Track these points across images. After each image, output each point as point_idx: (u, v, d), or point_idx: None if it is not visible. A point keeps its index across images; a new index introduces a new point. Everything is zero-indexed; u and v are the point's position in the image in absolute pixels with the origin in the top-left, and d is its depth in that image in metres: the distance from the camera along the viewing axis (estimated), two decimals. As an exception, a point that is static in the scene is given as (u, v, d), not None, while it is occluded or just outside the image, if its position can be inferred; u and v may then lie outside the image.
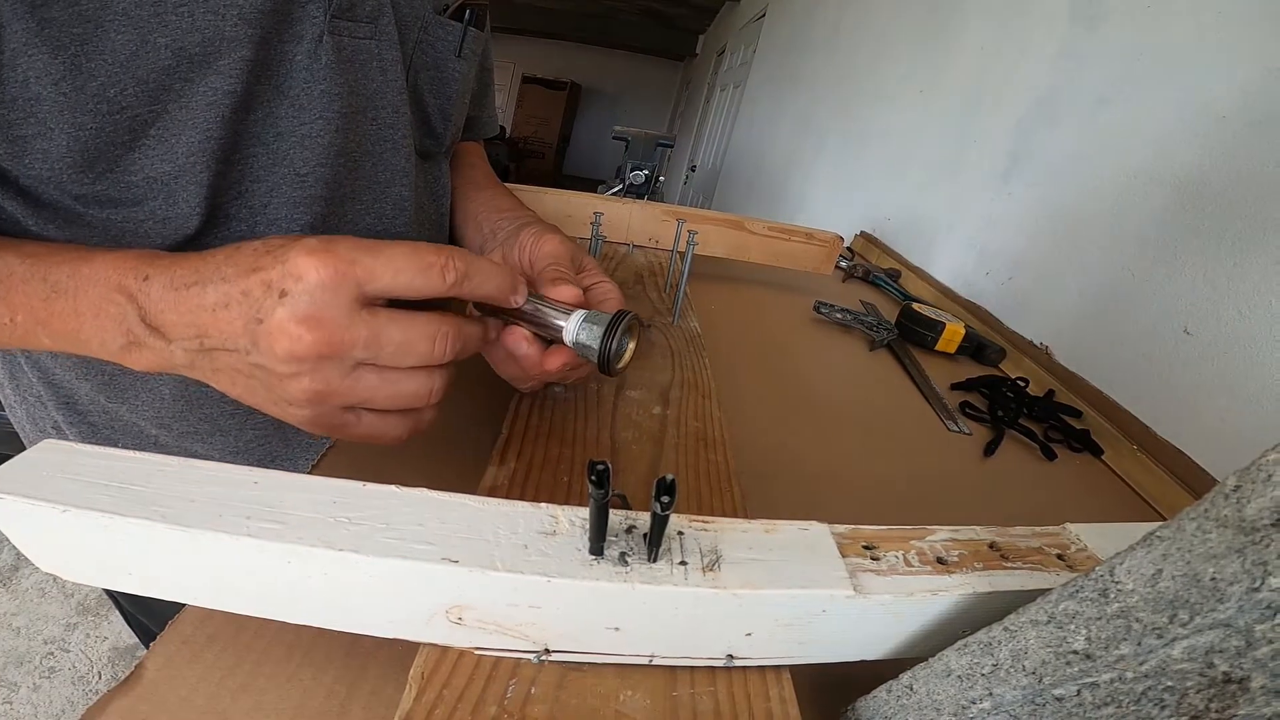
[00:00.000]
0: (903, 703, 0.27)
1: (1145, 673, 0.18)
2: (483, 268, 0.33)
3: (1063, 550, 0.30)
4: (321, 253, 0.29)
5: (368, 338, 0.30)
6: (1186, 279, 0.70)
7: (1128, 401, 0.73)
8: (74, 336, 0.34)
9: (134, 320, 0.32)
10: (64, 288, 0.33)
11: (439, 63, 0.54)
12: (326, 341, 0.29)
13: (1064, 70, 1.00)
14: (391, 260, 0.30)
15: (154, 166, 0.39)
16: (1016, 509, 0.57)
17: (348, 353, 0.30)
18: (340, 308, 0.29)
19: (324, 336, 0.29)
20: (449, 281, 0.31)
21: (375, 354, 0.31)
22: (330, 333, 0.29)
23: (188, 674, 0.28)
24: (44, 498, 0.23)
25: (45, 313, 0.34)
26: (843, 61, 2.25)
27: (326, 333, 0.29)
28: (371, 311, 0.30)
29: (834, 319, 0.91)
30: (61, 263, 0.34)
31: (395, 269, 0.30)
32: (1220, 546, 0.17)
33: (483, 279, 0.33)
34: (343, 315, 0.29)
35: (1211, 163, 0.70)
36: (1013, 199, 1.06)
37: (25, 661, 1.43)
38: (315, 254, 0.29)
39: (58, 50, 0.33)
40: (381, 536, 0.24)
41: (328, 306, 0.29)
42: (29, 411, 0.53)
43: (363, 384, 0.32)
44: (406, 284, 0.31)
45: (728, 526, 0.28)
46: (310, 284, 0.29)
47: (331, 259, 0.29)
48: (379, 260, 0.30)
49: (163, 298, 0.32)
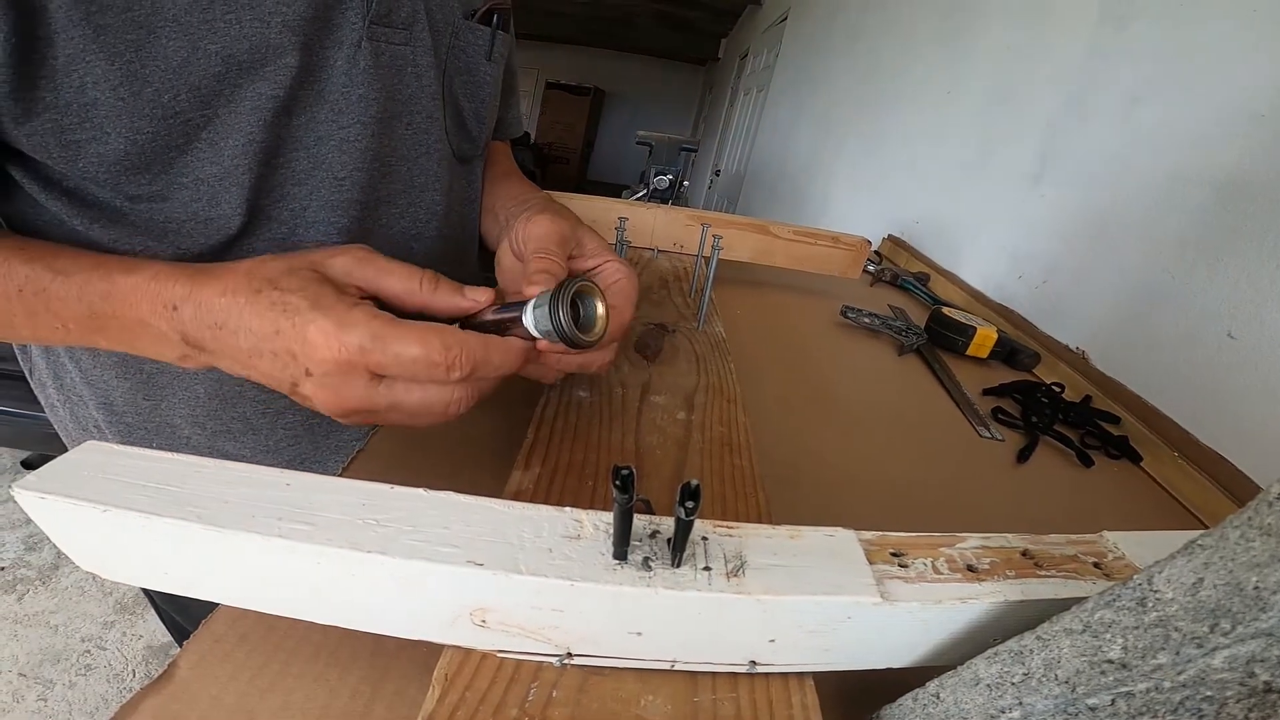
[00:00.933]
0: (929, 711, 0.27)
1: (1183, 682, 0.18)
2: (493, 362, 0.34)
3: (1099, 558, 0.29)
4: (334, 343, 0.31)
5: (388, 404, 0.33)
6: (1228, 281, 0.68)
7: (1168, 407, 0.71)
8: (130, 346, 0.37)
9: (177, 341, 0.35)
10: (101, 310, 0.35)
11: (471, 67, 0.55)
12: (354, 408, 0.33)
13: (1094, 69, 0.98)
14: (399, 358, 0.31)
15: (202, 169, 0.40)
16: (1051, 516, 0.56)
17: (375, 408, 0.33)
18: (358, 387, 0.32)
19: (350, 406, 0.33)
20: (454, 379, 0.33)
21: (399, 407, 0.34)
22: (356, 402, 0.33)
23: (219, 673, 0.29)
24: (85, 498, 0.24)
25: (95, 325, 0.36)
26: (866, 63, 2.23)
27: (353, 403, 0.33)
28: (389, 383, 0.33)
29: (861, 324, 0.90)
30: (90, 282, 0.35)
31: (402, 364, 0.32)
32: (1264, 555, 0.16)
33: (493, 369, 0.34)
34: (361, 389, 0.33)
35: (1251, 162, 0.68)
36: (1045, 201, 1.04)
37: (62, 659, 1.47)
38: (328, 342, 0.31)
39: (114, 57, 0.34)
40: (408, 539, 0.24)
41: (346, 385, 0.32)
42: (72, 411, 0.55)
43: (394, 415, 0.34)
44: (412, 377, 0.33)
45: (752, 532, 0.28)
46: (329, 369, 0.32)
47: (344, 352, 0.31)
48: (387, 355, 0.31)
49: (198, 329, 0.34)
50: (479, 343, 0.33)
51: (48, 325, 0.37)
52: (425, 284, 0.35)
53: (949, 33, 1.58)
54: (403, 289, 0.35)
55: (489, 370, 0.33)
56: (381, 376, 0.33)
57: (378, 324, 0.31)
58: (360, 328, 0.31)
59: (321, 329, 0.31)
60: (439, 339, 0.31)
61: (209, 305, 0.33)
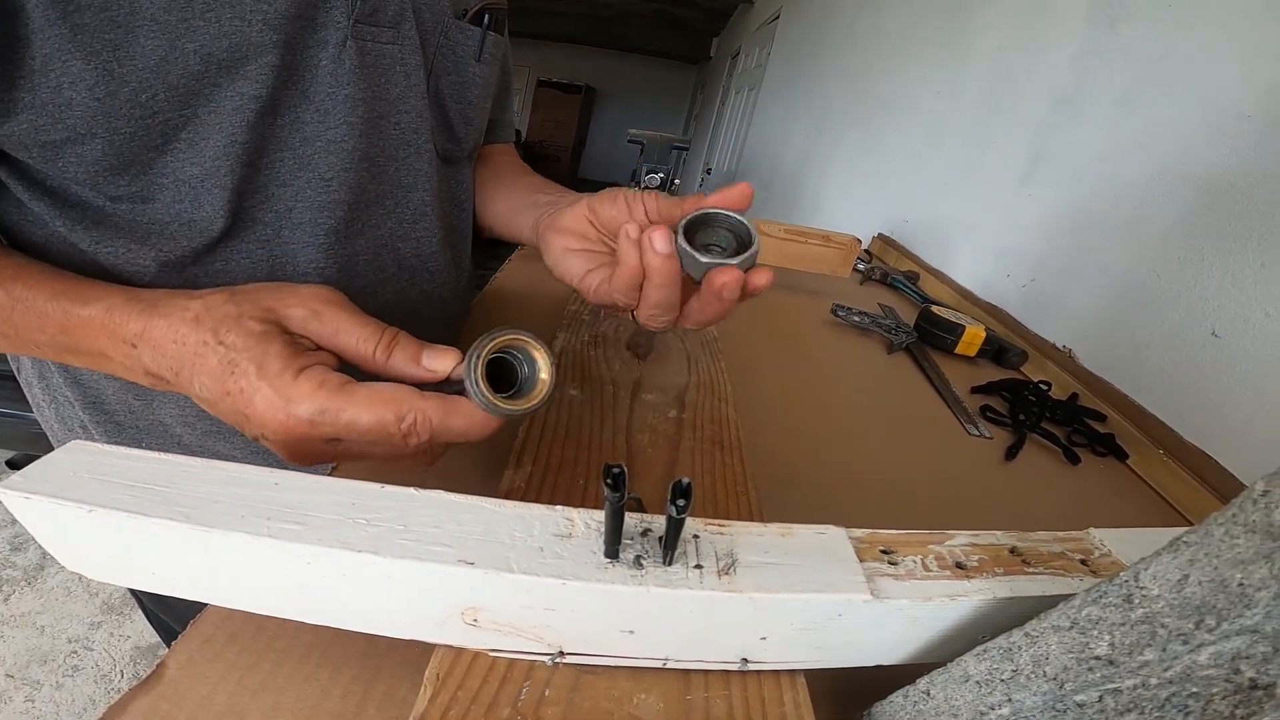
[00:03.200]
0: (920, 708, 0.27)
1: (1170, 679, 0.18)
2: (453, 430, 0.31)
3: (1086, 555, 0.30)
4: (283, 415, 0.30)
5: (351, 456, 0.33)
6: (1213, 280, 0.69)
7: (1154, 405, 0.72)
8: (103, 369, 0.37)
9: (142, 373, 0.34)
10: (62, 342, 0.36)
11: (460, 67, 0.55)
12: (315, 462, 0.33)
13: (1084, 70, 0.98)
14: (351, 428, 0.30)
15: (183, 169, 0.40)
16: (1039, 514, 0.56)
17: (339, 459, 0.34)
18: (315, 445, 0.31)
19: (310, 461, 0.33)
20: (412, 446, 0.31)
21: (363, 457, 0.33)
22: (315, 459, 0.32)
23: (208, 673, 0.29)
24: (70, 498, 0.23)
25: (63, 348, 0.36)
26: (858, 63, 2.24)
27: (312, 459, 0.32)
28: (345, 445, 0.32)
29: (851, 322, 0.90)
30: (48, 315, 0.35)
31: (355, 433, 0.30)
32: (1248, 552, 0.16)
33: (454, 437, 0.32)
34: (319, 448, 0.32)
35: (1237, 162, 0.68)
36: (1034, 200, 1.05)
37: (49, 660, 1.46)
38: (276, 415, 0.30)
39: (91, 56, 0.34)
40: (399, 538, 0.24)
41: (301, 445, 0.31)
42: (57, 411, 0.54)
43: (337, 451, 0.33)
44: (369, 446, 0.32)
45: (743, 530, 0.28)
46: (281, 437, 0.31)
47: (293, 423, 0.30)
48: (339, 426, 0.30)
49: (158, 367, 0.33)
50: (438, 409, 0.31)
51: (24, 347, 0.37)
52: (380, 351, 0.33)
53: (941, 33, 1.59)
54: (356, 352, 0.34)
55: (449, 436, 0.32)
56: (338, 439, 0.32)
57: (324, 395, 0.30)
58: (306, 403, 0.30)
59: (268, 401, 0.30)
60: (393, 409, 0.30)
61: (163, 350, 0.33)
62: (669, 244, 0.34)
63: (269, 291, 0.34)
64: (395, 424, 0.30)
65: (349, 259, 0.49)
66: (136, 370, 0.34)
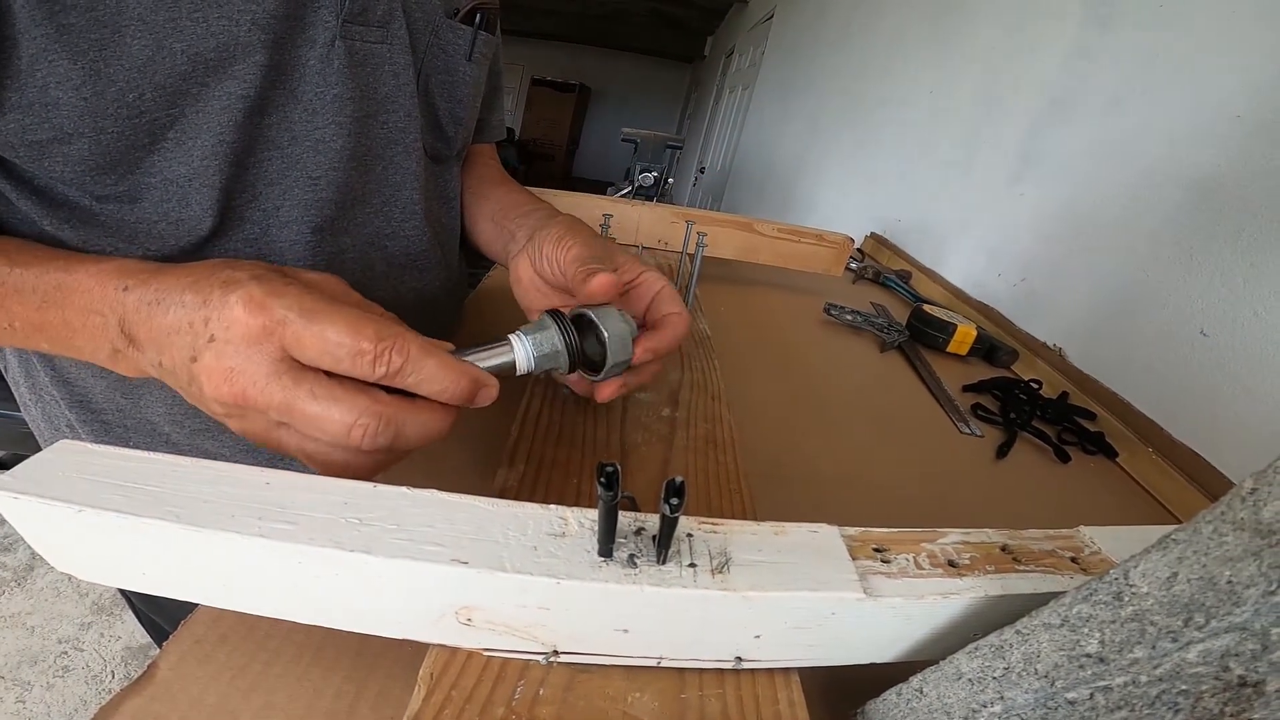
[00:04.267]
0: (912, 706, 0.27)
1: (1159, 676, 0.18)
2: (427, 368, 0.30)
3: (1076, 553, 0.30)
4: (255, 307, 0.28)
5: (280, 404, 0.28)
6: (1202, 280, 0.69)
7: (1143, 403, 0.72)
8: (68, 344, 0.35)
9: (115, 331, 0.32)
10: (52, 299, 0.34)
11: (450, 67, 0.55)
12: (242, 395, 0.29)
13: (1076, 71, 0.99)
14: (323, 334, 0.28)
15: (171, 169, 0.40)
16: (1029, 512, 0.57)
17: (263, 411, 0.29)
18: (260, 365, 0.28)
19: (239, 391, 0.28)
20: (379, 374, 0.29)
21: (290, 421, 0.29)
22: (244, 389, 0.28)
23: (199, 673, 0.28)
24: (59, 498, 0.23)
25: (39, 320, 0.34)
26: (852, 62, 2.24)
27: (240, 388, 0.28)
28: (295, 377, 0.28)
29: (844, 320, 0.90)
30: (47, 272, 0.34)
31: (325, 344, 0.28)
32: (1237, 549, 0.16)
33: (425, 378, 0.30)
34: (260, 375, 0.28)
35: (1226, 163, 0.69)
36: (1025, 200, 1.05)
37: (39, 660, 1.45)
38: (249, 306, 0.28)
39: (77, 56, 0.34)
40: (391, 538, 0.24)
41: (248, 361, 0.28)
42: (44, 411, 0.53)
43: (285, 441, 0.30)
44: (332, 363, 0.28)
45: (737, 528, 0.28)
46: (235, 336, 0.28)
47: (261, 316, 0.28)
48: (309, 330, 0.28)
49: (137, 310, 0.31)
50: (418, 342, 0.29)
51: None
52: None
53: (935, 33, 1.59)
54: None
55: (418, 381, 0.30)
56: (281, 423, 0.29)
57: (310, 300, 0.28)
58: (293, 296, 0.28)
59: (249, 294, 0.28)
60: (372, 329, 0.28)
61: (159, 284, 0.31)
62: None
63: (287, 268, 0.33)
64: (371, 340, 0.28)
65: (336, 257, 0.49)
66: (110, 328, 0.32)
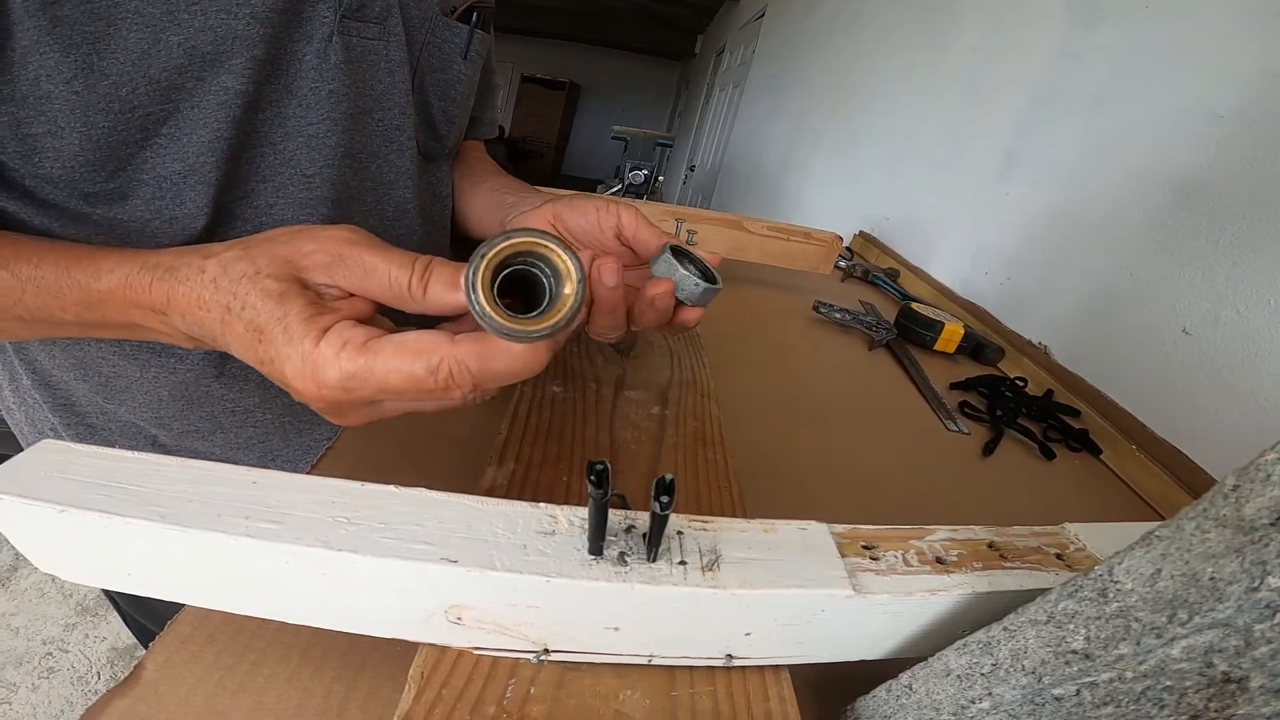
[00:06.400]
0: (902, 702, 0.27)
1: (1144, 672, 0.18)
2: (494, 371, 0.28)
3: (1061, 550, 0.30)
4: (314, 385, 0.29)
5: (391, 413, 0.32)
6: (1185, 278, 0.70)
7: (1126, 401, 0.73)
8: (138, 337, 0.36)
9: (183, 338, 0.34)
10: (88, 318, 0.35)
11: (445, 64, 0.54)
12: (359, 419, 0.32)
13: (1061, 70, 1.00)
14: (385, 389, 0.28)
15: (164, 165, 0.39)
16: (1015, 509, 0.57)
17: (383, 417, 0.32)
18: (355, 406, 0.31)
19: (355, 421, 0.32)
20: (456, 398, 0.30)
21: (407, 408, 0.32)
22: (360, 420, 0.32)
23: (186, 674, 0.28)
24: (42, 498, 0.23)
25: (92, 323, 0.35)
26: (840, 61, 2.25)
27: (357, 420, 0.32)
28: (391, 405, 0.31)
29: (833, 318, 0.91)
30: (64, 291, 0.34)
31: (390, 393, 0.29)
32: (1219, 546, 0.17)
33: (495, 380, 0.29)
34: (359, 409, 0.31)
35: (1209, 163, 0.70)
36: (1010, 199, 1.06)
37: (24, 662, 1.43)
38: (308, 385, 0.29)
39: (70, 49, 0.33)
40: (380, 536, 0.24)
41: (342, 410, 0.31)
42: (27, 414, 0.53)
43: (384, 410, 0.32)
44: (412, 402, 0.31)
45: (727, 526, 0.28)
46: (321, 406, 0.30)
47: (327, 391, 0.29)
48: (370, 389, 0.28)
49: (191, 329, 0.32)
50: (473, 354, 0.28)
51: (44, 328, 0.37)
52: (415, 283, 0.30)
53: (921, 33, 1.60)
54: (390, 292, 0.31)
55: (496, 380, 0.29)
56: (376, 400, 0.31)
57: (347, 358, 0.28)
58: (331, 368, 0.28)
59: (297, 370, 0.28)
60: (422, 362, 0.27)
61: (192, 316, 0.31)
62: (616, 276, 0.35)
63: (284, 240, 0.31)
64: (429, 377, 0.28)
65: None
66: (177, 335, 0.33)
